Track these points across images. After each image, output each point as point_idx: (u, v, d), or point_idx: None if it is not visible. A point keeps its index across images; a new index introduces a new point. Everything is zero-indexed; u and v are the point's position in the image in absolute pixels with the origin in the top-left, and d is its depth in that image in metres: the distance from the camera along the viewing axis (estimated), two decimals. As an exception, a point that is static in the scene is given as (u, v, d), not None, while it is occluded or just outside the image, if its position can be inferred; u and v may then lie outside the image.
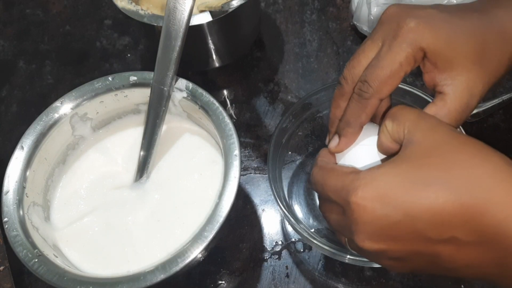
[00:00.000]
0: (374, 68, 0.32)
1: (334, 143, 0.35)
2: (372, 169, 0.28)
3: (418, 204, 0.26)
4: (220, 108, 0.40)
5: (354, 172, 0.29)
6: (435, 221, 0.26)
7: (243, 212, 0.48)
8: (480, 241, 0.26)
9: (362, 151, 0.34)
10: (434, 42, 0.30)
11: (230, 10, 0.44)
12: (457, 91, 0.31)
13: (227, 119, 0.39)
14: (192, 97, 0.41)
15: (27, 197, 0.38)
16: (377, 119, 0.36)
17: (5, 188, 0.37)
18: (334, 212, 0.31)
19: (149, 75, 0.42)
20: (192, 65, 0.55)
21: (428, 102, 0.41)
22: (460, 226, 0.26)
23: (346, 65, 0.34)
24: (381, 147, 0.33)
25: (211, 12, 0.44)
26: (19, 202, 0.37)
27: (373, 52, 0.32)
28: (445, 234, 0.26)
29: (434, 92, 0.33)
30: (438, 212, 0.26)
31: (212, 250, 0.43)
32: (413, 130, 0.29)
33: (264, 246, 0.46)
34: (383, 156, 0.33)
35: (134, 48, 0.60)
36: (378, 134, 0.33)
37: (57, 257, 0.36)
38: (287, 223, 0.47)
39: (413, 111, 0.31)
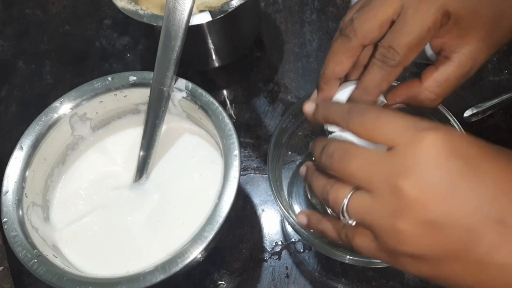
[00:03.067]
0: (400, 34, 0.30)
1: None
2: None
3: None
4: (220, 108, 0.40)
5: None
6: None
7: (243, 212, 0.48)
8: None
9: None
10: (460, 9, 0.29)
11: (230, 10, 0.44)
12: (462, 59, 0.31)
13: (227, 119, 0.39)
14: (192, 97, 0.41)
15: (27, 197, 0.38)
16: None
17: (4, 188, 0.37)
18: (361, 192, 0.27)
19: (148, 75, 0.42)
20: (192, 65, 0.55)
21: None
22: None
23: (356, 16, 0.31)
24: None
25: (210, 12, 0.44)
26: (19, 202, 0.37)
27: (391, 9, 0.30)
28: None
29: (437, 54, 0.32)
30: None
31: (212, 250, 0.43)
32: None
33: (264, 246, 0.46)
34: None
35: (133, 48, 0.60)
36: None
37: (56, 257, 0.36)
38: (287, 223, 0.47)
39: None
